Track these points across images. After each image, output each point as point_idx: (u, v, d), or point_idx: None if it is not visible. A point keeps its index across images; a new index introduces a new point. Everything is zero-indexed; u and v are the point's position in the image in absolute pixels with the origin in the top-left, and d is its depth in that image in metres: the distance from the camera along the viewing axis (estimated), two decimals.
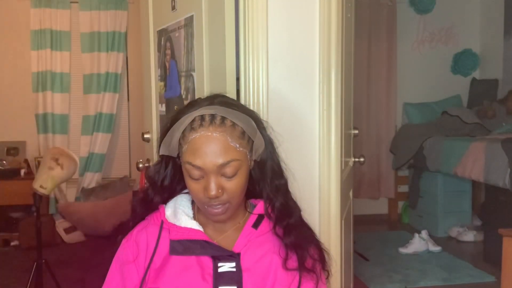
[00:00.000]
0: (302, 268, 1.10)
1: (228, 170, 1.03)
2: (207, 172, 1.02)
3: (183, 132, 1.05)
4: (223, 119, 1.03)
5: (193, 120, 1.04)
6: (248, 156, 1.07)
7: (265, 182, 1.12)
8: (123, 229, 1.18)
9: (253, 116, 1.10)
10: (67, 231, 4.62)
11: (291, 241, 1.11)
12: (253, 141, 1.08)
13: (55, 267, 3.14)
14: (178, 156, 1.09)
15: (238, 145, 1.03)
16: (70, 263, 3.94)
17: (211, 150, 1.01)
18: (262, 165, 1.12)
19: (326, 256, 1.17)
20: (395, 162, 5.15)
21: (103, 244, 4.22)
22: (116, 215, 4.19)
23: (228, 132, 1.02)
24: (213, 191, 1.02)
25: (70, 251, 4.31)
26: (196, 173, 1.03)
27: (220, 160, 1.01)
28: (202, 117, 1.03)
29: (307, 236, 1.15)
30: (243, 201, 1.16)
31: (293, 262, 1.10)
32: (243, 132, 1.05)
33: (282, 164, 1.15)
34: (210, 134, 1.02)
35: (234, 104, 1.10)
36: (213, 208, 1.06)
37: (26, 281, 2.89)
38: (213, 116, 1.03)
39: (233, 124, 1.04)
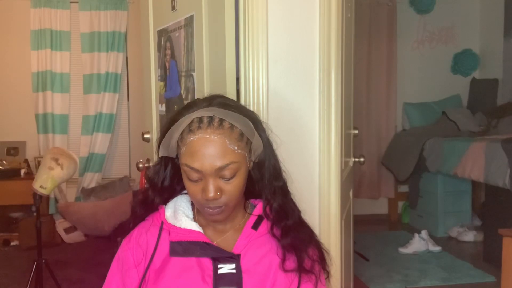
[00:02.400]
0: (300, 269, 1.10)
1: (226, 172, 1.02)
2: (205, 175, 1.02)
3: (181, 134, 1.04)
4: (221, 121, 1.02)
5: (191, 122, 1.03)
6: (247, 158, 1.07)
7: (264, 183, 1.12)
8: (122, 229, 1.17)
9: (252, 117, 1.10)
10: (67, 231, 4.62)
11: (288, 243, 1.10)
12: (251, 142, 1.07)
13: (55, 267, 3.14)
14: (177, 157, 1.09)
15: (236, 148, 1.03)
16: (70, 263, 3.94)
17: (209, 152, 1.01)
18: (260, 166, 1.12)
19: (326, 256, 1.16)
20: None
21: (103, 244, 4.23)
22: (116, 215, 4.20)
23: (226, 135, 1.02)
24: (211, 193, 1.02)
25: (70, 251, 4.30)
26: (194, 175, 1.03)
27: (218, 163, 1.01)
28: (200, 119, 1.02)
29: (305, 238, 1.14)
30: (243, 202, 1.16)
31: (291, 263, 1.10)
32: (242, 134, 1.04)
33: (282, 166, 1.15)
34: (208, 136, 1.01)
35: (233, 106, 1.09)
36: (210, 209, 1.06)
37: (26, 281, 2.89)
38: (211, 118, 1.02)
39: (232, 126, 1.03)
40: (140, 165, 2.12)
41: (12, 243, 4.54)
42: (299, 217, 1.16)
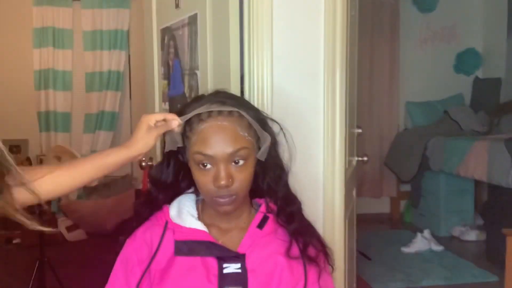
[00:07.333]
0: (305, 255, 1.10)
1: (238, 157, 1.04)
2: (218, 161, 1.03)
3: (190, 125, 1.05)
4: (231, 110, 1.04)
5: (200, 113, 1.05)
6: (256, 146, 1.08)
7: (268, 174, 1.13)
8: (125, 228, 1.17)
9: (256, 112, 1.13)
10: (69, 229, 4.62)
11: (295, 228, 1.12)
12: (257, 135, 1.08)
13: (57, 265, 3.14)
14: (180, 153, 1.09)
15: (246, 134, 1.05)
16: (72, 261, 3.93)
17: (221, 138, 1.02)
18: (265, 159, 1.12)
19: (328, 251, 1.17)
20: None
21: (105, 242, 4.22)
22: (118, 214, 4.19)
23: (237, 122, 1.04)
24: (223, 180, 1.02)
25: (72, 249, 4.30)
26: (206, 162, 1.03)
27: (230, 149, 1.02)
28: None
29: (309, 227, 1.17)
30: (248, 200, 1.16)
31: (297, 251, 1.11)
32: (250, 124, 1.07)
33: (283, 157, 1.17)
34: (220, 123, 1.03)
35: (240, 99, 1.11)
36: (221, 199, 1.05)
37: (28, 279, 2.89)
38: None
39: (240, 115, 1.05)
40: (143, 163, 2.11)
41: (14, 241, 4.53)
42: (300, 208, 1.17)
